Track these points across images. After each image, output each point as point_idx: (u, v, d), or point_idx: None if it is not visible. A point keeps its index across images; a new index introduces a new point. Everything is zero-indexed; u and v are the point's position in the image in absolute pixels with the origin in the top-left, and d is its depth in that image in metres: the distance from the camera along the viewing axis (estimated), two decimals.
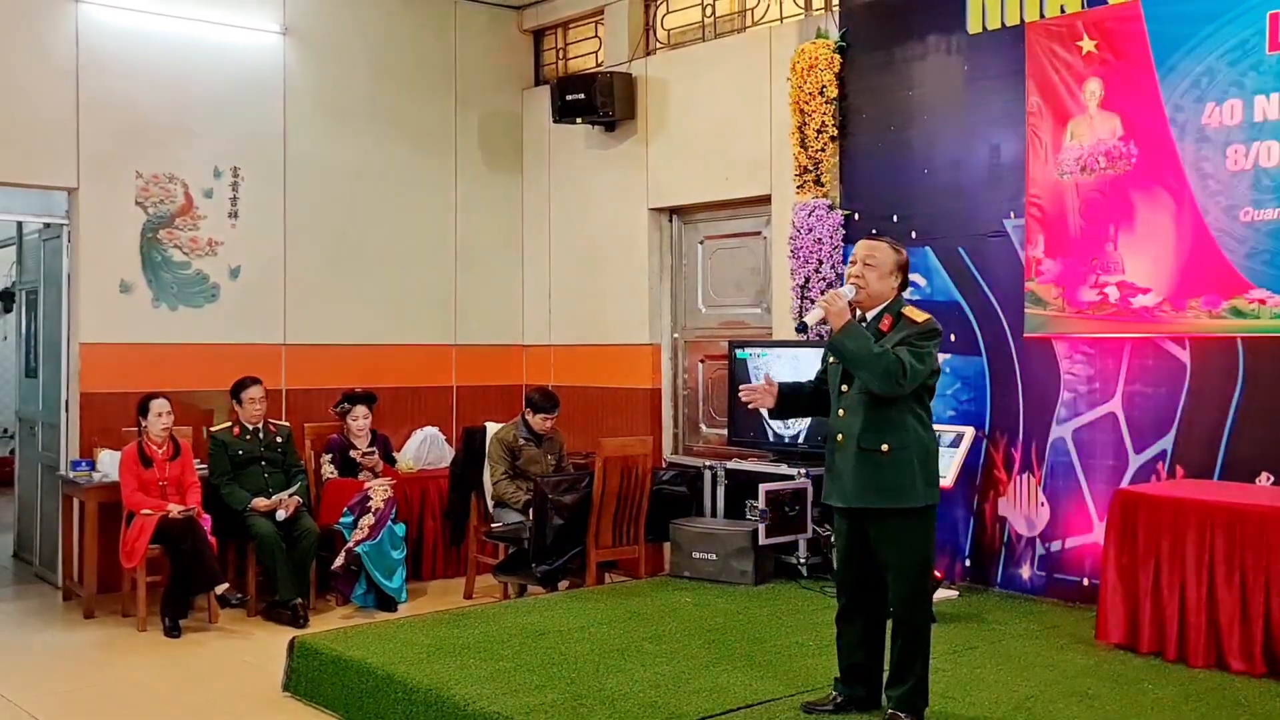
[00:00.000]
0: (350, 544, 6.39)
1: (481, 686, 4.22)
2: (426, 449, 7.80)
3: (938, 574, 5.29)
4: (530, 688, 4.22)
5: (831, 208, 6.58)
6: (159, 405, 6.27)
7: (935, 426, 5.86)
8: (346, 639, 4.90)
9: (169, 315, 7.22)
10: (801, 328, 3.88)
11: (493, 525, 6.59)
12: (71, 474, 6.69)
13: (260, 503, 6.33)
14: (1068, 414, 5.71)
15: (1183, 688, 4.33)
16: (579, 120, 7.74)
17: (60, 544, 7.01)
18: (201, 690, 5.05)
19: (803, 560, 6.15)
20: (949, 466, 5.71)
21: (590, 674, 4.39)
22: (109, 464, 6.53)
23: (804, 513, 6.05)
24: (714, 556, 6.07)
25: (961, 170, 6.13)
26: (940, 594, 5.57)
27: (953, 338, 6.08)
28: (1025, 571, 5.83)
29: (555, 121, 7.84)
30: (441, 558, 7.47)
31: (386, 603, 6.52)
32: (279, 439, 6.67)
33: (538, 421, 6.64)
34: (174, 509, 6.06)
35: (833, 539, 4.11)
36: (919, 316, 3.85)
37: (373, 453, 6.99)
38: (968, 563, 6.06)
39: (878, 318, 3.90)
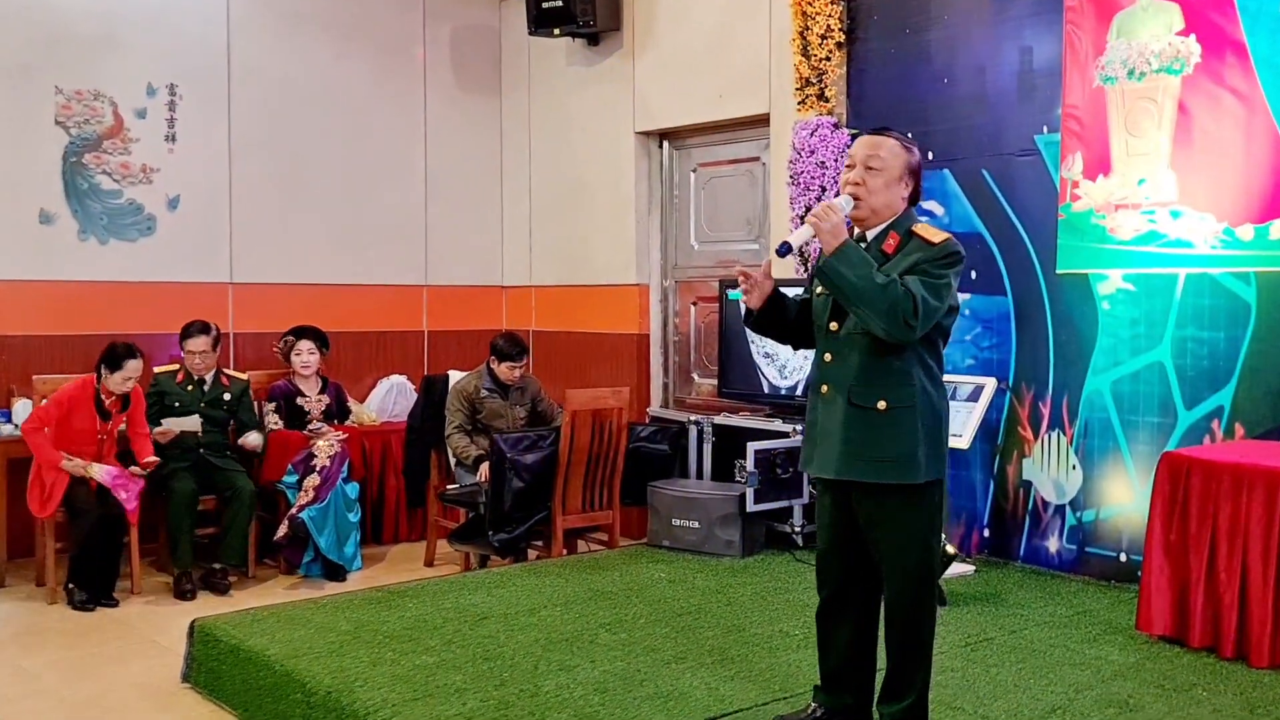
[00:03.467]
0: (293, 510, 5.69)
1: (391, 689, 3.50)
2: (392, 399, 7.08)
3: (950, 548, 4.51)
4: (449, 691, 3.49)
5: (837, 126, 5.73)
6: (134, 368, 5.41)
7: (949, 378, 5.12)
8: (251, 624, 4.18)
9: (98, 250, 6.47)
10: (784, 250, 2.96)
11: (448, 487, 5.86)
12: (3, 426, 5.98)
13: (158, 430, 5.61)
14: (1106, 363, 4.89)
15: (1244, 695, 3.56)
16: (557, 32, 6.89)
17: None
18: (94, 678, 4.36)
19: (798, 529, 5.39)
20: (966, 423, 4.92)
21: (526, 673, 3.66)
22: (23, 415, 5.83)
23: (799, 475, 5.28)
24: (696, 524, 5.31)
25: (987, 78, 5.26)
26: (953, 569, 4.80)
27: (973, 275, 5.26)
28: (1053, 544, 5.05)
29: (531, 32, 6.99)
30: (405, 520, 6.76)
31: (335, 571, 5.83)
32: (227, 395, 5.92)
33: (504, 371, 5.87)
34: (96, 470, 5.35)
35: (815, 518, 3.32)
36: (935, 236, 3.00)
37: (322, 400, 6.27)
38: (986, 533, 5.29)
39: (881, 237, 3.06)
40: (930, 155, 5.41)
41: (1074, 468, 4.99)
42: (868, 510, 3.02)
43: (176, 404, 5.76)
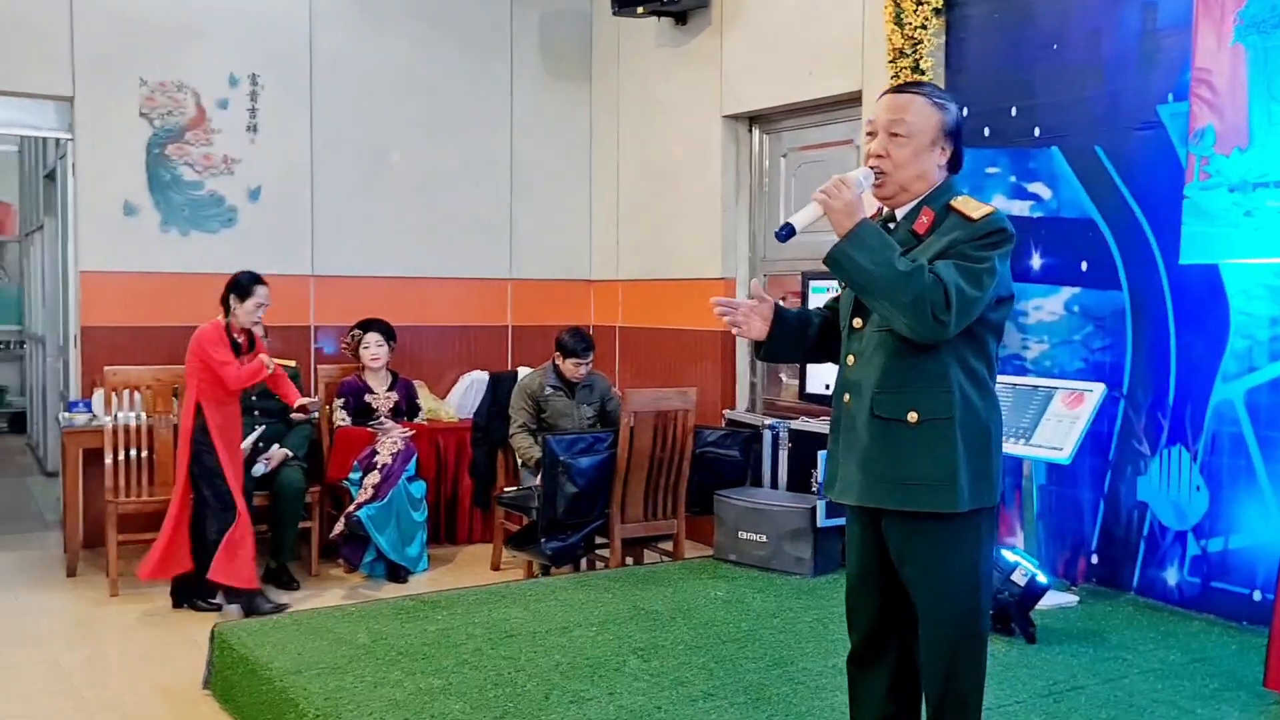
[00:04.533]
0: (351, 508, 5.49)
1: (381, 715, 3.19)
2: (472, 396, 6.82)
3: (1041, 576, 3.96)
4: None
5: None
6: (264, 294, 5.07)
7: (1045, 381, 4.56)
8: (268, 631, 3.95)
9: (179, 241, 6.42)
10: (784, 233, 2.50)
11: (505, 489, 5.56)
12: (67, 415, 5.99)
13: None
14: (1239, 368, 4.24)
15: None
16: (641, 10, 6.51)
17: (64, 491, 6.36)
18: (123, 677, 4.23)
19: None
20: (1069, 434, 4.33)
21: (533, 704, 3.30)
22: (100, 405, 5.81)
23: None
24: (764, 538, 4.86)
25: (1103, 42, 4.65)
26: (1050, 600, 4.24)
27: (1083, 266, 4.67)
28: (1171, 576, 4.41)
29: (615, 12, 6.63)
30: (479, 520, 6.51)
31: (397, 572, 5.61)
32: None
33: (569, 367, 5.54)
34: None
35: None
36: (976, 210, 2.46)
37: (390, 397, 6.07)
38: (1094, 559, 4.67)
39: (912, 215, 2.55)
40: (1037, 131, 4.84)
41: (1198, 489, 4.34)
42: (897, 543, 2.53)
43: None
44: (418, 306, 6.97)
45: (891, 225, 2.58)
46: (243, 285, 5.02)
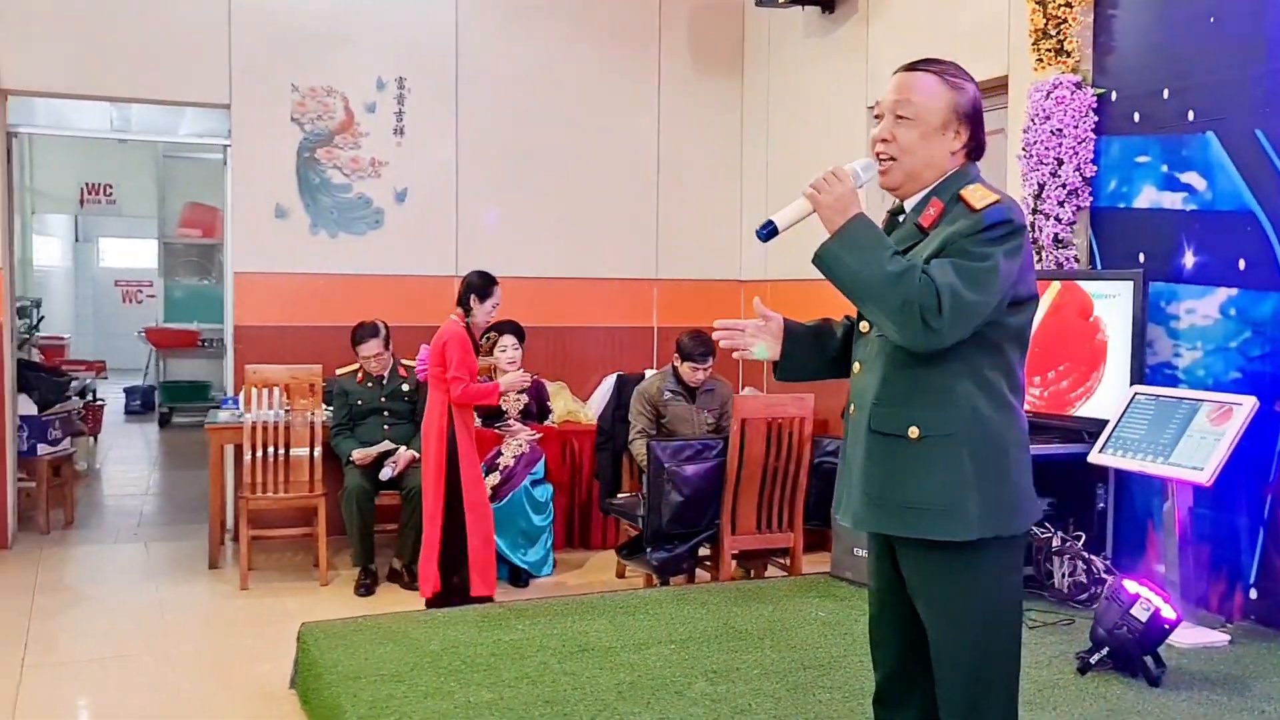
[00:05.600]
0: None
1: None
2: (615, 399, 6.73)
3: (1169, 610, 3.51)
4: None
5: (1080, 85, 4.73)
6: (500, 293, 5.03)
7: (1190, 393, 4.06)
8: (345, 634, 3.95)
9: (328, 243, 6.61)
10: (765, 231, 2.28)
11: (617, 496, 5.42)
12: (214, 411, 6.26)
13: (359, 454, 5.55)
14: None
15: None
16: (782, 0, 6.24)
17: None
18: (221, 673, 4.32)
19: None
20: (1212, 453, 3.83)
21: None
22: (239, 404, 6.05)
23: None
24: (867, 554, 4.52)
25: (1267, 14, 4.10)
26: (1199, 636, 3.77)
27: (1241, 265, 4.13)
28: None
29: (758, 3, 6.40)
30: (613, 525, 6.40)
31: (518, 575, 5.58)
32: (406, 385, 5.84)
33: (687, 371, 5.36)
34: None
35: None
36: (980, 199, 2.17)
37: (520, 399, 6.04)
38: (1252, 594, 4.13)
39: (920, 206, 2.28)
40: (1191, 116, 4.33)
41: None
42: (909, 572, 2.27)
43: (359, 401, 5.74)
44: (561, 307, 6.94)
45: (900, 218, 2.32)
46: (482, 286, 5.01)
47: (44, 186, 13.63)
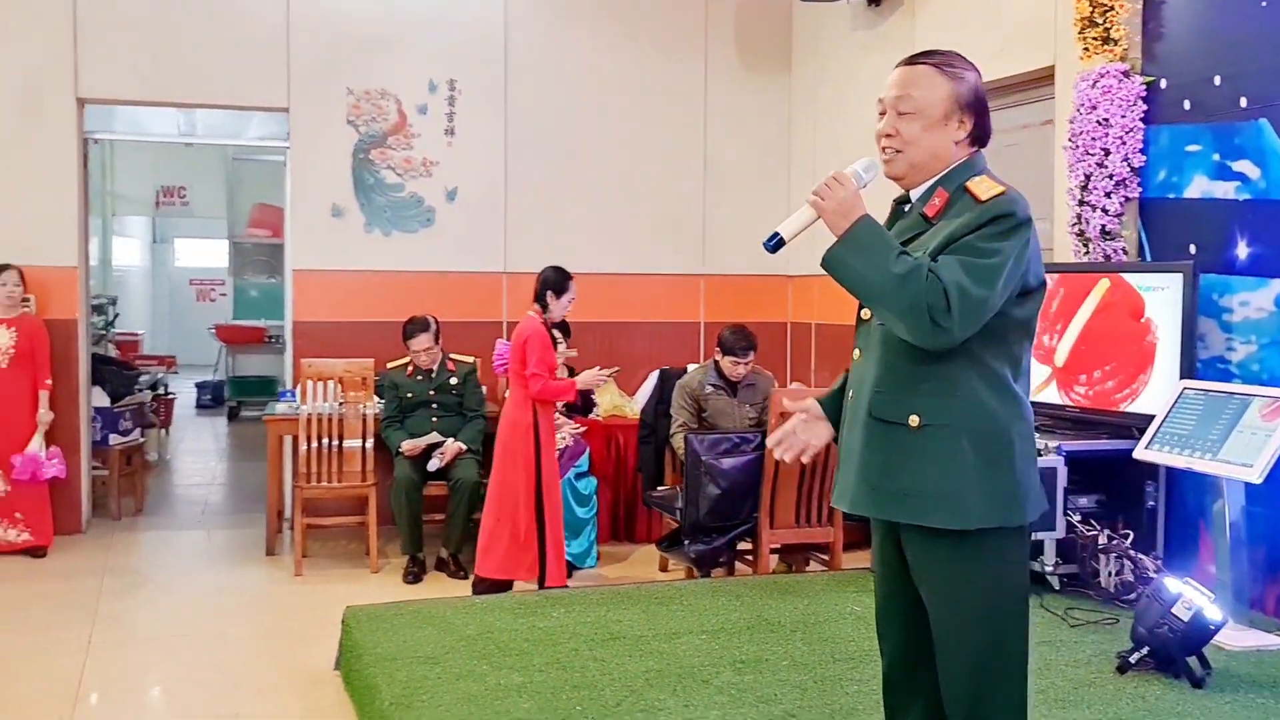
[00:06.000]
0: None
1: (449, 709, 3.20)
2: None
3: (1214, 610, 3.45)
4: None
5: (1127, 74, 4.65)
6: (575, 289, 5.15)
7: (1241, 388, 3.98)
8: (388, 618, 4.04)
9: (382, 241, 6.75)
10: (773, 243, 2.29)
11: (657, 489, 5.46)
12: (277, 404, 6.43)
13: (408, 445, 5.66)
14: None
15: None
16: None
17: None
18: (270, 656, 4.45)
19: (1050, 568, 4.43)
20: (1263, 450, 3.75)
21: (600, 710, 3.20)
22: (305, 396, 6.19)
23: (1051, 502, 4.32)
24: None
25: None
26: (1252, 639, 3.71)
27: None
28: None
29: None
30: (658, 518, 6.44)
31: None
32: (454, 379, 5.94)
33: (728, 365, 5.38)
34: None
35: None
36: (986, 191, 2.17)
37: None
38: None
39: (925, 196, 2.29)
40: (1243, 102, 4.24)
41: None
42: (912, 558, 2.27)
43: (409, 394, 5.85)
44: (609, 303, 6.99)
45: (906, 207, 2.34)
46: (558, 281, 5.12)
47: (123, 190, 14.07)
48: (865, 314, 2.34)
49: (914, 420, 2.19)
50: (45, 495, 5.85)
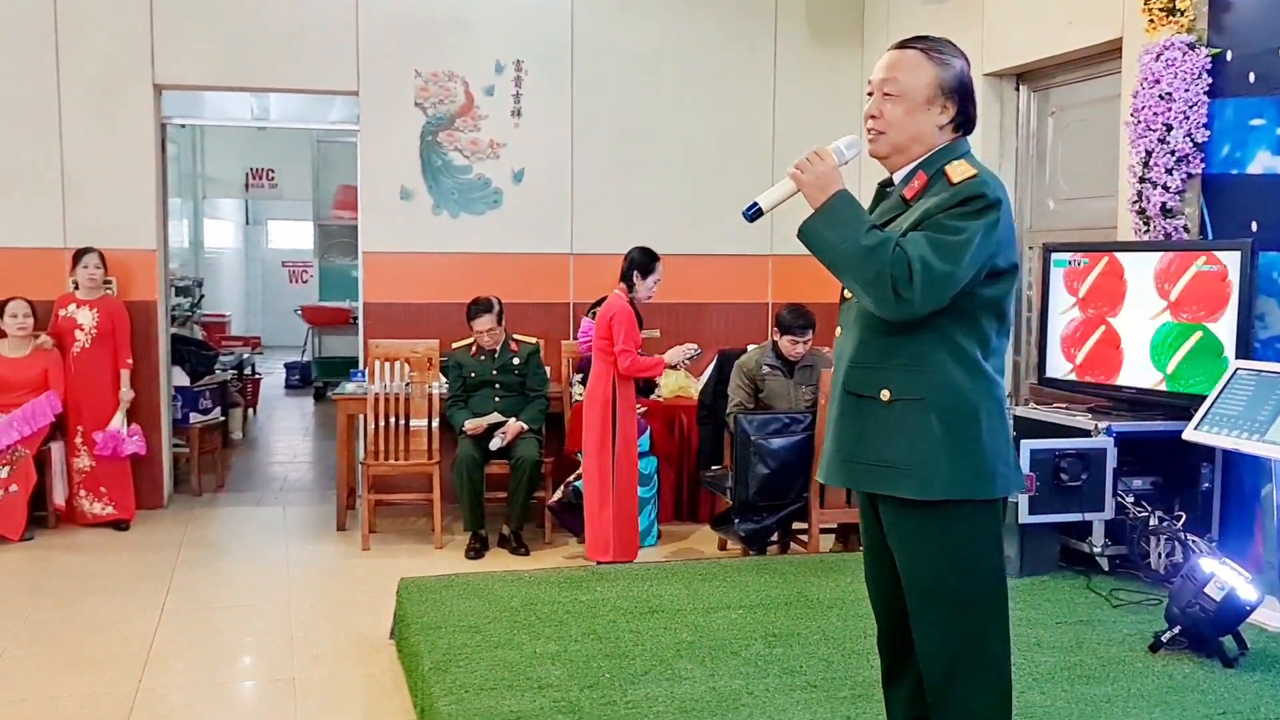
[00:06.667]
0: (571, 478, 5.66)
1: (484, 674, 3.31)
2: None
3: (1250, 589, 3.37)
4: (533, 686, 3.21)
5: (1192, 46, 4.53)
6: (660, 269, 5.21)
7: (1262, 366, 3.88)
8: (437, 590, 4.17)
9: (450, 223, 6.88)
10: (751, 213, 2.37)
11: (712, 468, 5.49)
12: (347, 384, 6.62)
13: (470, 424, 5.78)
14: None
15: None
16: None
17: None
18: (333, 624, 4.61)
19: (1098, 549, 4.37)
20: None
21: (628, 678, 3.27)
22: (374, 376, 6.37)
23: (1099, 483, 4.27)
24: None
25: None
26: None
27: None
28: None
29: None
30: (719, 496, 6.48)
31: None
32: (516, 360, 6.04)
33: (786, 345, 5.38)
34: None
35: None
36: (960, 174, 2.23)
37: None
38: None
39: (906, 178, 2.35)
40: None
41: None
42: (887, 527, 2.34)
43: (472, 374, 5.96)
44: (677, 284, 6.99)
45: (889, 189, 2.40)
46: (645, 262, 5.21)
47: (213, 173, 14.52)
48: (848, 293, 2.39)
49: (885, 394, 2.25)
50: (127, 471, 6.12)
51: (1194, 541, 4.19)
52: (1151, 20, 4.70)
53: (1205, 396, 4.12)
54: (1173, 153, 4.54)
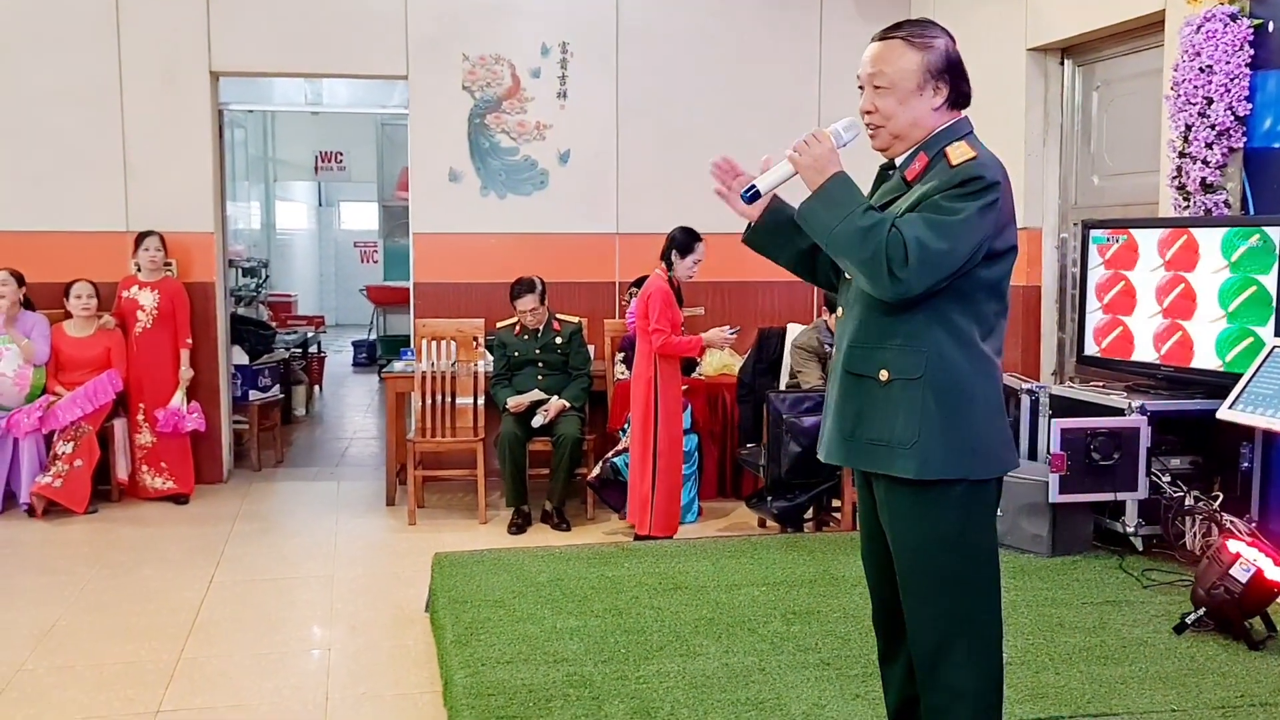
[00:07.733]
0: (609, 454, 5.74)
1: (503, 648, 3.40)
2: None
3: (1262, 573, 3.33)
4: (550, 659, 3.30)
5: (1234, 17, 4.43)
6: (703, 249, 5.31)
7: None
8: (468, 565, 4.28)
9: (497, 204, 6.97)
10: (749, 194, 2.40)
11: (747, 446, 5.52)
12: (396, 362, 6.76)
13: (513, 401, 5.88)
14: None
15: None
16: None
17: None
18: (373, 596, 4.74)
19: (1131, 529, 4.33)
20: None
21: (643, 653, 3.34)
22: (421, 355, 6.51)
23: (1132, 462, 4.22)
24: (1001, 512, 4.45)
25: None
26: None
27: None
28: None
29: None
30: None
31: None
32: (559, 339, 6.13)
33: (835, 322, 5.36)
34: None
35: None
36: (959, 156, 2.22)
37: None
38: None
39: (907, 161, 2.35)
40: None
41: None
42: (880, 506, 2.36)
43: (516, 353, 6.06)
44: (723, 263, 6.99)
45: (891, 172, 2.41)
46: (685, 242, 5.28)
47: (284, 156, 14.83)
48: (848, 275, 2.39)
49: (883, 374, 2.26)
50: (187, 447, 6.34)
51: (1231, 522, 4.13)
52: None
53: (1239, 375, 4.05)
54: (1213, 126, 4.45)
